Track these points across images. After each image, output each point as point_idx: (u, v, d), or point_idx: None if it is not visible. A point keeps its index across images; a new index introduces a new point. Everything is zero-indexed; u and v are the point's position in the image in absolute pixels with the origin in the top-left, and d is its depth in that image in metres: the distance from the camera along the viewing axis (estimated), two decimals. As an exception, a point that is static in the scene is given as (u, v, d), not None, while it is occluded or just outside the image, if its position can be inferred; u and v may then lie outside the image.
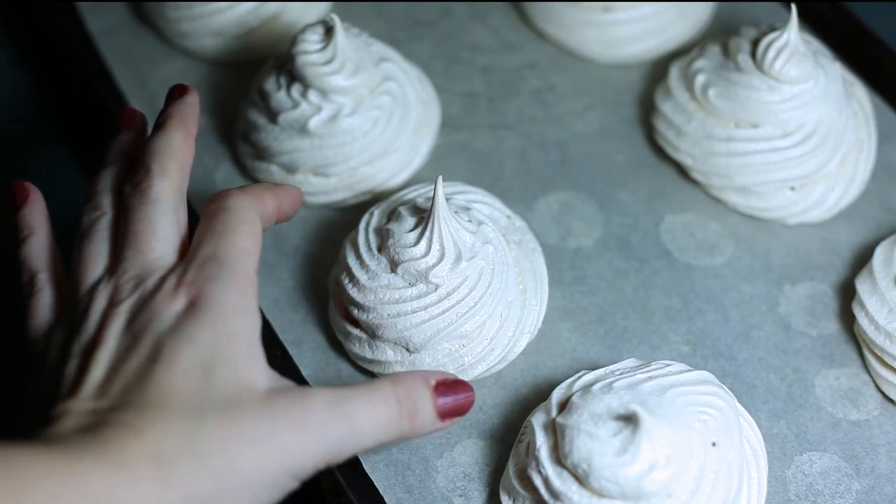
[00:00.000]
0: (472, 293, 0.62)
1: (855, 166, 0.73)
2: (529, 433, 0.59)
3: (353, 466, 0.62)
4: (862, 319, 0.66)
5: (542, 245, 0.69)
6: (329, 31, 0.70)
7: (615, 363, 0.62)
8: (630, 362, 0.62)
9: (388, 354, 0.63)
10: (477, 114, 0.78)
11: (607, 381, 0.59)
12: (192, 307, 0.53)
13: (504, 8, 0.84)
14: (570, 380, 0.61)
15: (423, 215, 0.62)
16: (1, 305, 0.69)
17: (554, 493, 0.56)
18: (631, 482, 0.54)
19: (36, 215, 0.61)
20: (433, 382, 0.56)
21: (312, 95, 0.70)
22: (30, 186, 0.62)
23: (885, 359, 0.65)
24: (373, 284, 0.62)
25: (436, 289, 0.61)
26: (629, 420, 0.55)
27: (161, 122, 0.60)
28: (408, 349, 0.62)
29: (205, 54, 0.81)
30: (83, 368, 0.52)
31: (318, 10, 0.82)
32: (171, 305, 0.53)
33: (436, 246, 0.61)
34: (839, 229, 0.72)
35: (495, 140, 0.76)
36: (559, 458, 0.56)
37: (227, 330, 0.52)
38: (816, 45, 0.74)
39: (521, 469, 0.59)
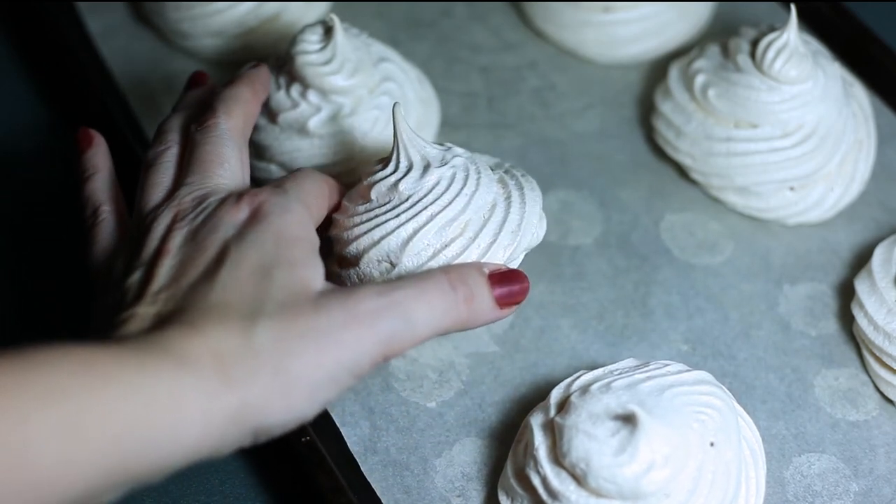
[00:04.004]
0: (445, 194, 0.60)
1: (854, 166, 0.73)
2: (528, 433, 0.59)
3: (352, 467, 0.62)
4: (861, 320, 0.66)
5: (542, 242, 0.69)
6: (328, 32, 0.70)
7: (615, 361, 0.62)
8: (628, 362, 0.62)
9: (374, 276, 0.61)
10: (477, 114, 0.78)
11: (606, 381, 0.59)
12: (256, 215, 0.54)
13: (504, 8, 0.84)
14: (568, 380, 0.61)
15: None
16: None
17: (552, 493, 0.56)
18: (629, 482, 0.54)
19: (100, 156, 0.63)
20: (486, 271, 0.56)
21: (312, 96, 0.70)
22: (94, 133, 0.64)
23: (884, 359, 0.65)
24: (355, 219, 0.61)
25: (408, 198, 0.60)
26: (627, 420, 0.55)
27: (231, 80, 0.64)
28: (391, 262, 0.60)
29: (205, 54, 0.81)
30: (148, 277, 0.53)
31: (317, 11, 0.82)
32: (235, 215, 0.55)
33: (403, 162, 0.61)
34: (838, 229, 0.72)
35: (495, 139, 0.77)
36: (557, 457, 0.56)
37: (288, 236, 0.54)
38: (816, 45, 0.74)
39: (520, 469, 0.59)
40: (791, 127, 0.71)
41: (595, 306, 0.69)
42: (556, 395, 0.60)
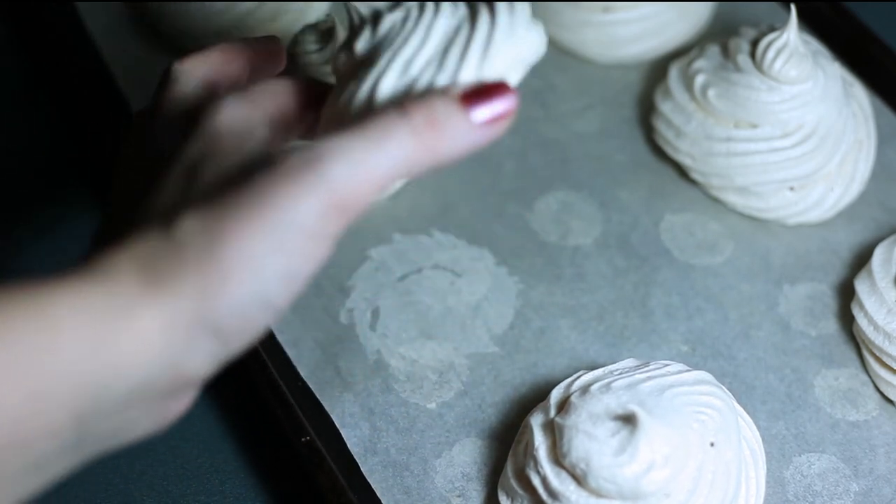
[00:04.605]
0: (400, 34, 0.53)
1: (854, 166, 0.73)
2: (528, 433, 0.59)
3: (353, 467, 0.62)
4: (861, 320, 0.66)
5: (542, 243, 0.69)
6: (328, 32, 0.70)
7: (614, 362, 0.62)
8: (629, 362, 0.62)
9: None
10: (476, 114, 0.78)
11: (606, 381, 0.59)
12: (191, 126, 0.49)
13: (504, 8, 0.84)
14: (568, 380, 0.61)
15: None
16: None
17: (552, 493, 0.56)
18: (629, 482, 0.54)
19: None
20: (456, 92, 0.48)
21: (312, 95, 0.70)
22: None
23: (884, 359, 0.65)
24: (328, 103, 0.54)
25: (366, 55, 0.53)
26: (627, 420, 0.55)
27: None
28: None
29: (205, 54, 0.80)
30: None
31: (317, 11, 0.82)
32: (174, 136, 0.50)
33: (356, 24, 0.54)
34: (838, 229, 0.72)
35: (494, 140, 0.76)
36: (557, 458, 0.56)
37: (217, 130, 0.48)
38: (816, 45, 0.74)
39: (520, 469, 0.59)
40: (791, 127, 0.71)
41: (595, 307, 0.69)
42: (556, 395, 0.60)
